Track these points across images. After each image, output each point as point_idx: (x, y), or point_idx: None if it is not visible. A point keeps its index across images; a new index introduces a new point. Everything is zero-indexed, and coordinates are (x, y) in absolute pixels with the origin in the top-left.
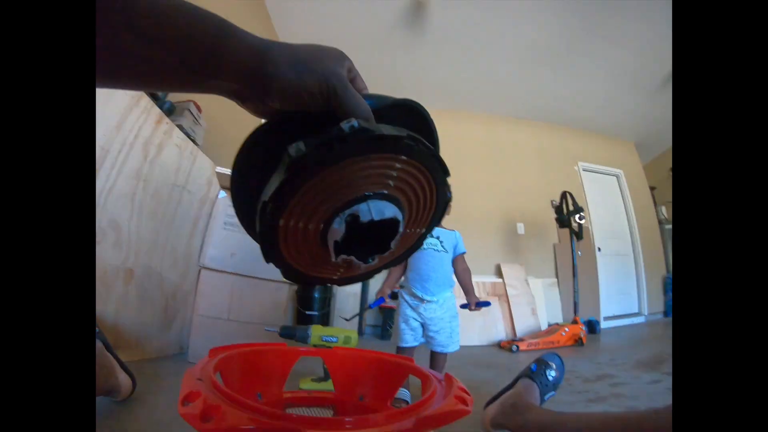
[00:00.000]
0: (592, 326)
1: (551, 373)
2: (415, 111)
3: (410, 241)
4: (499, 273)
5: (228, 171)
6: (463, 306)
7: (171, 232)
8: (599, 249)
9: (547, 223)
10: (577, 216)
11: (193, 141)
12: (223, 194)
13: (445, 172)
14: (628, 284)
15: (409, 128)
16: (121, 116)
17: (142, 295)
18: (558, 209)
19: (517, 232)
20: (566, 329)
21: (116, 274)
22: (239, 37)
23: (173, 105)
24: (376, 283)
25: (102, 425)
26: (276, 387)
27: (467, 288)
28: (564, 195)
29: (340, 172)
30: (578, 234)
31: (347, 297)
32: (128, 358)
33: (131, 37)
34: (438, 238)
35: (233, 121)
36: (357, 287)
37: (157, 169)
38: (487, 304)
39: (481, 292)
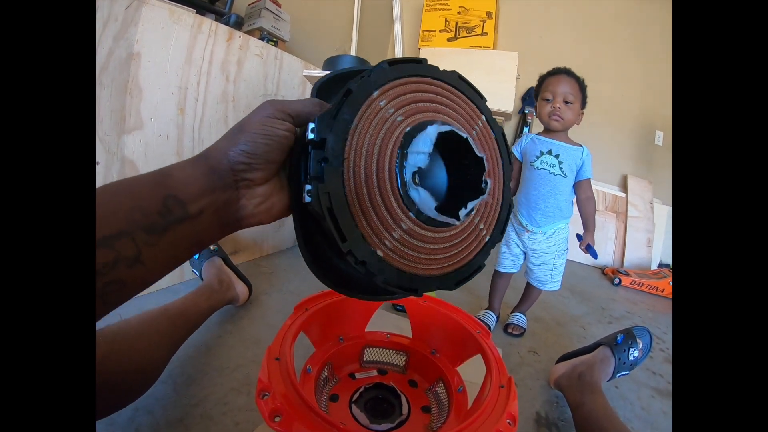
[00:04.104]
0: None
1: (634, 353)
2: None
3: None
4: (623, 186)
5: (316, 72)
6: (577, 236)
7: None
8: None
9: None
10: None
11: (279, 39)
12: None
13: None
14: None
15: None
16: (187, 50)
17: None
18: None
19: (653, 141)
20: None
21: None
22: (177, 165)
23: (239, 17)
24: None
25: (224, 330)
26: (358, 329)
27: (587, 222)
28: None
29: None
30: None
31: None
32: (248, 258)
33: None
34: (557, 156)
35: (317, 8)
36: None
37: (242, 85)
38: (594, 255)
39: (599, 204)
